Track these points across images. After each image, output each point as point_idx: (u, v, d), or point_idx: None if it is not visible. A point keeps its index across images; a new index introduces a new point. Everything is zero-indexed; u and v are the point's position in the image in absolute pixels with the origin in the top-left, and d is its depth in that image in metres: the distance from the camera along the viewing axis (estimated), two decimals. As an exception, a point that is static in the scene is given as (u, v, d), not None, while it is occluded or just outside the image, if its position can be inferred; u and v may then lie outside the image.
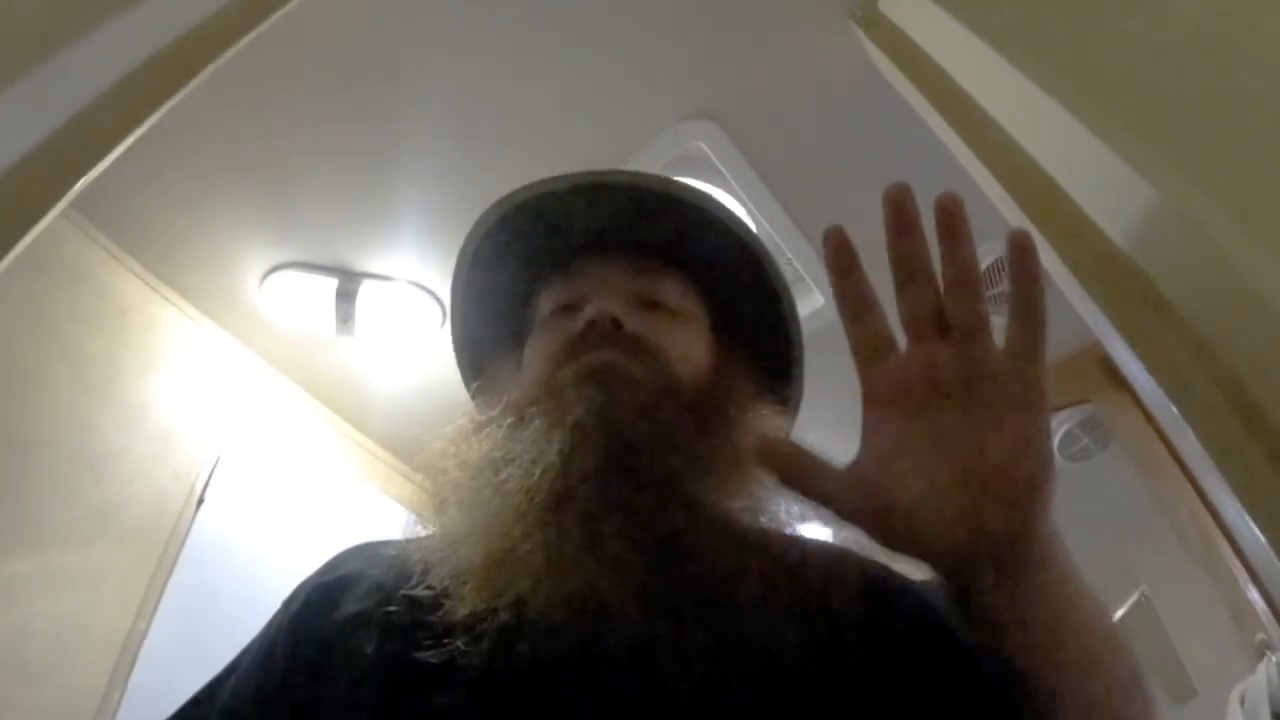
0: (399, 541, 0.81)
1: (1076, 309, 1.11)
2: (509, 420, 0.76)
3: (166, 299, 2.31)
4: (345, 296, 2.34)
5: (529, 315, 0.93)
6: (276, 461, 2.45)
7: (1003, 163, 1.23)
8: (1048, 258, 1.14)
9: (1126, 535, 3.00)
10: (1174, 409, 0.89)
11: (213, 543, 2.12)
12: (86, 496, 1.91)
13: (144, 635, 1.89)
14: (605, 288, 0.86)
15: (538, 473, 0.68)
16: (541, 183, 0.93)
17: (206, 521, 2.13)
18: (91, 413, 2.00)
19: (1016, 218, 1.19)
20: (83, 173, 1.03)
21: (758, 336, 0.95)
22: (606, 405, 0.71)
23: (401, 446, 2.87)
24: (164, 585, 1.97)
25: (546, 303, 0.90)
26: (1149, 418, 1.86)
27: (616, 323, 0.79)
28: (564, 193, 0.92)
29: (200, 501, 2.14)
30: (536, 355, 0.84)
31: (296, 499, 2.43)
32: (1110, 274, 1.01)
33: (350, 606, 0.68)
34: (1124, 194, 0.98)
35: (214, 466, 2.22)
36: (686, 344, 0.85)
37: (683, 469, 0.71)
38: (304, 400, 2.67)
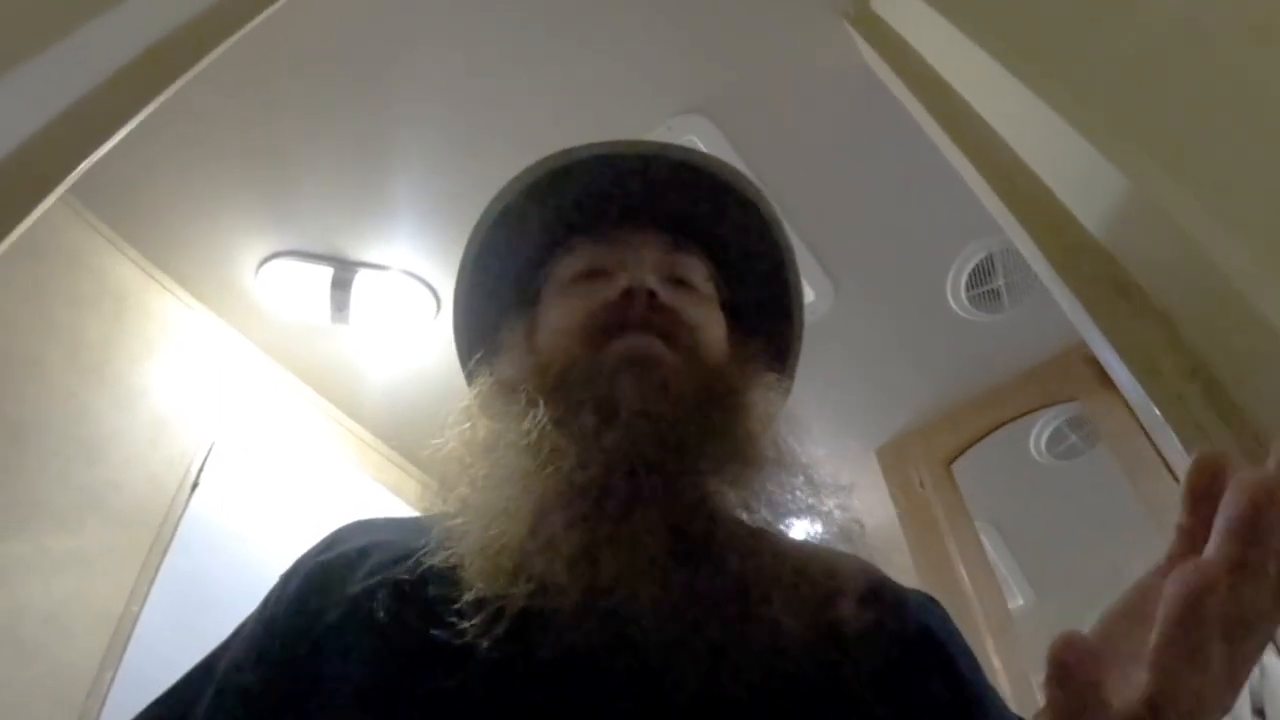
0: (399, 519, 0.81)
1: (1058, 301, 1.13)
2: (552, 402, 0.73)
3: (163, 286, 2.33)
4: (340, 285, 2.35)
5: (540, 280, 0.92)
6: (270, 448, 2.47)
7: (988, 160, 1.24)
8: (1029, 252, 1.16)
9: (1114, 533, 3.00)
10: (1147, 397, 0.91)
11: (206, 527, 2.13)
12: (82, 479, 1.92)
13: (136, 617, 1.89)
14: (639, 258, 0.85)
15: (585, 466, 0.67)
16: (581, 148, 0.92)
17: (200, 506, 2.14)
18: (88, 397, 2.01)
19: (1001, 214, 1.21)
20: (81, 159, 1.04)
21: (761, 317, 0.95)
22: (654, 407, 0.71)
23: (393, 435, 2.88)
24: (157, 568, 1.98)
25: (571, 265, 0.88)
26: (1134, 416, 1.89)
27: (652, 295, 0.79)
28: (601, 159, 0.92)
29: (194, 486, 2.15)
30: (565, 317, 0.82)
31: (289, 485, 2.44)
32: (1088, 265, 1.03)
33: (359, 582, 0.66)
34: (1105, 189, 0.99)
35: (208, 452, 2.23)
36: (713, 325, 0.85)
37: (713, 467, 0.72)
38: (298, 388, 2.68)
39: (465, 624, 0.58)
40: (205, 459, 2.22)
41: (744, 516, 0.73)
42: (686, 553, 0.65)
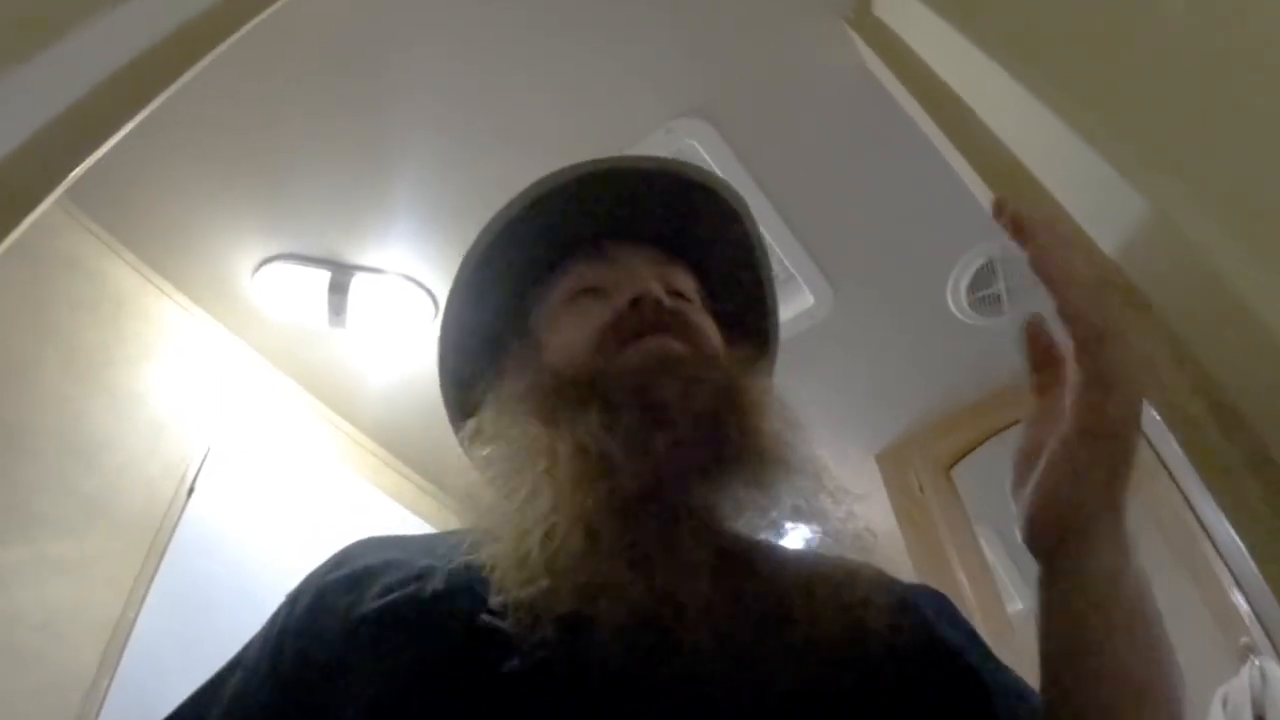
0: (409, 536, 0.79)
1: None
2: (592, 408, 0.72)
3: (160, 290, 2.32)
4: (337, 289, 2.34)
5: (530, 301, 0.92)
6: (267, 453, 2.45)
7: (989, 165, 1.24)
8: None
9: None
10: (1153, 412, 0.90)
11: (202, 533, 2.12)
12: (77, 485, 1.91)
13: (133, 624, 1.88)
14: (636, 273, 0.85)
15: (633, 471, 0.67)
16: (562, 171, 0.92)
17: (196, 511, 2.13)
18: (83, 401, 2.00)
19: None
20: (77, 162, 1.03)
21: (739, 327, 0.95)
22: (699, 406, 0.72)
23: (391, 439, 2.88)
24: (153, 574, 1.97)
25: (566, 284, 0.88)
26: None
27: (658, 302, 0.79)
28: (585, 179, 0.91)
29: (190, 491, 2.14)
30: (575, 330, 0.82)
31: (286, 490, 2.43)
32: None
33: (370, 601, 0.64)
34: (1107, 196, 0.98)
35: (205, 456, 2.22)
36: (715, 332, 0.86)
37: (748, 471, 0.73)
38: (295, 392, 2.67)
39: (503, 624, 0.57)
40: (202, 463, 2.21)
41: (766, 521, 0.74)
42: (726, 558, 0.66)
